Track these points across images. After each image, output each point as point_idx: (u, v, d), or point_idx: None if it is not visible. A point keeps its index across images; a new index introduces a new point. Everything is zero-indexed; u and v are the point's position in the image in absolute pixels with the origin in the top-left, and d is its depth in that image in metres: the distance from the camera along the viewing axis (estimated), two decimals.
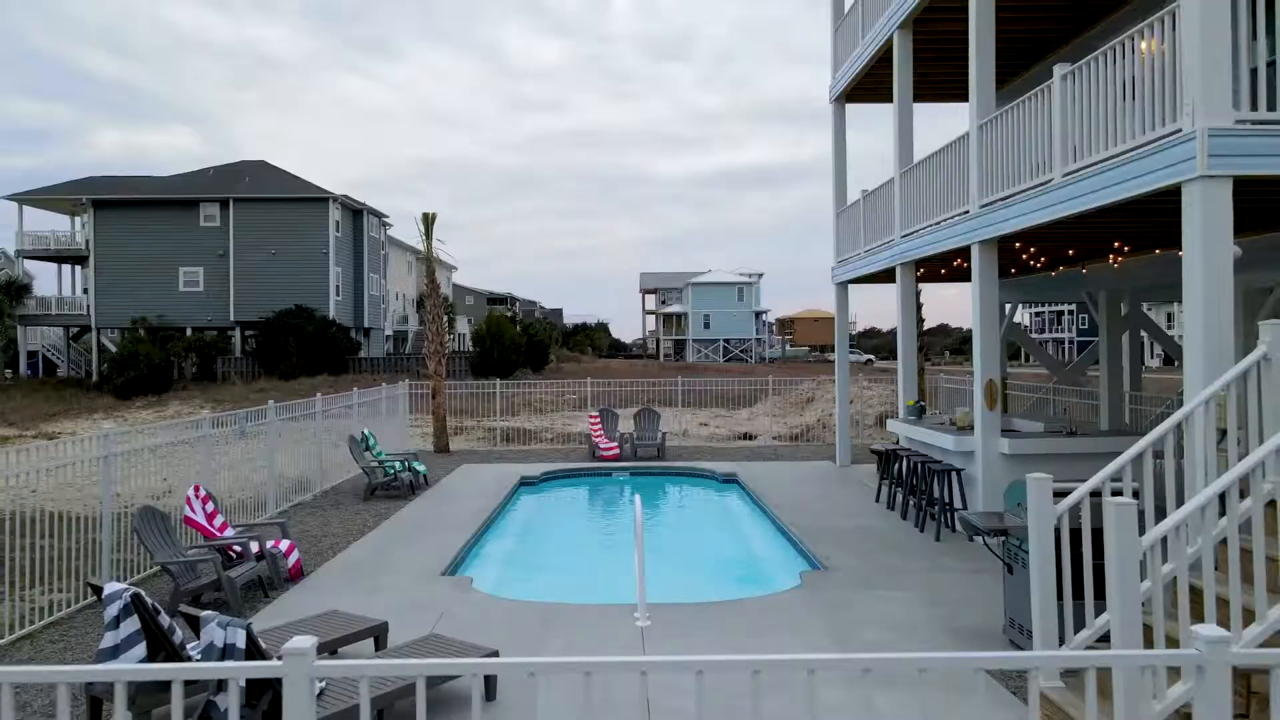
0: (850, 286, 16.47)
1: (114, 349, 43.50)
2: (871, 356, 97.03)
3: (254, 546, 8.24)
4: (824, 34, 16.87)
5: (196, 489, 8.42)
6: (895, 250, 12.78)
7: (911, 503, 11.30)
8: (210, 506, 8.48)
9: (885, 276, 15.75)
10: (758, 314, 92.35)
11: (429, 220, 18.63)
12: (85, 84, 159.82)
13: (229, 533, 8.46)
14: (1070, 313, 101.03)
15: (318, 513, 12.22)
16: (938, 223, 11.16)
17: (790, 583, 8.37)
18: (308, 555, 9.67)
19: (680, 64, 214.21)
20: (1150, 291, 12.86)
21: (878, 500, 12.48)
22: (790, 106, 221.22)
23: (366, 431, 14.15)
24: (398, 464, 13.74)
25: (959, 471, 10.14)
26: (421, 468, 14.43)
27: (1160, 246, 10.58)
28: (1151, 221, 8.50)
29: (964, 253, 11.10)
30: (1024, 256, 11.61)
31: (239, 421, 11.03)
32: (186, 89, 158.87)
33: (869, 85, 15.34)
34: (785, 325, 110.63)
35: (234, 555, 8.21)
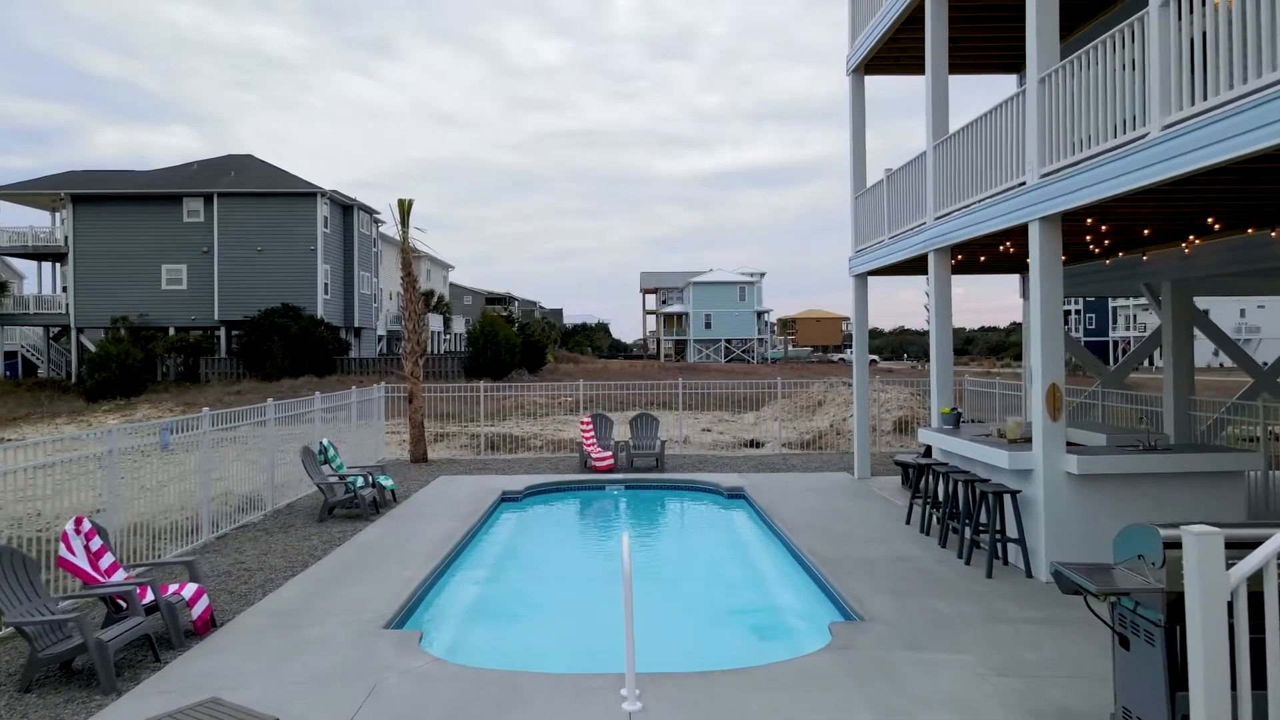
0: (867, 280, 14.81)
1: (94, 349, 41.88)
2: (875, 357, 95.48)
3: (151, 594, 6.59)
4: (825, 32, 15.24)
5: (78, 522, 6.76)
6: (927, 235, 11.12)
7: (950, 527, 9.65)
8: (97, 543, 6.83)
9: (910, 267, 14.10)
10: (759, 314, 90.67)
11: (404, 207, 16.97)
12: (85, 83, 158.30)
13: (118, 576, 6.80)
14: (1077, 313, 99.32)
15: (261, 538, 10.56)
16: (983, 200, 9.51)
17: (817, 639, 6.71)
18: (235, 594, 8.03)
19: (682, 63, 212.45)
20: (1220, 282, 11.20)
21: (908, 522, 10.82)
22: (792, 105, 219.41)
23: (325, 441, 12.49)
24: (359, 479, 12.09)
25: (1015, 494, 8.47)
26: (389, 482, 12.78)
27: (1254, 225, 8.92)
28: (1266, 189, 6.85)
29: (1015, 234, 9.45)
30: (1087, 238, 9.95)
31: (161, 432, 9.36)
32: (186, 88, 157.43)
33: (891, 54, 13.69)
34: (787, 325, 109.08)
35: (123, 606, 6.56)
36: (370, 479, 12.27)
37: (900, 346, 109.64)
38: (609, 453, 15.68)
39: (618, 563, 9.85)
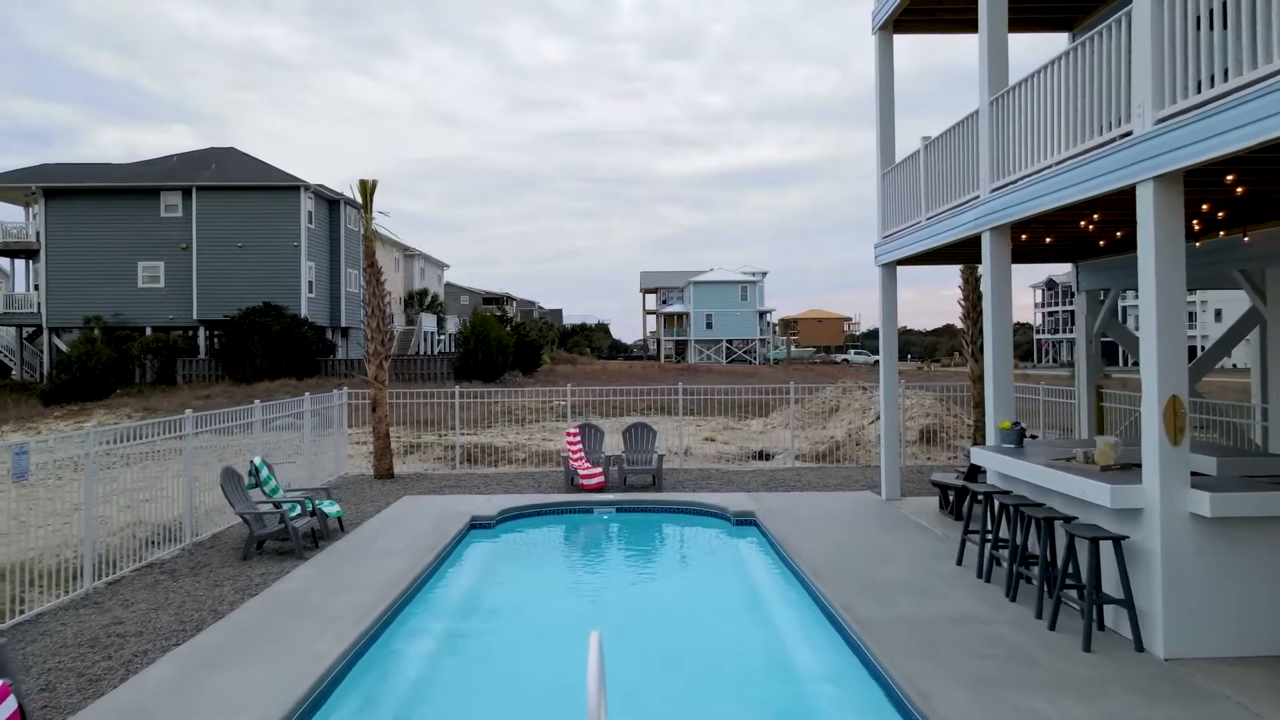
0: (896, 270, 12.81)
1: (66, 350, 39.86)
2: (879, 358, 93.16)
3: None
4: (829, 31, 13.25)
5: None
6: (980, 211, 9.12)
7: (1019, 574, 7.64)
8: None
9: (950, 254, 12.14)
10: (761, 314, 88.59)
11: (367, 189, 14.96)
12: (85, 83, 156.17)
13: None
14: None
15: (163, 583, 8.55)
16: (1063, 161, 7.51)
17: None
18: (86, 677, 6.03)
19: (685, 63, 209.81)
20: None
21: (960, 563, 8.81)
22: (794, 105, 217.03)
23: (257, 460, 10.45)
24: (295, 506, 10.09)
25: (1119, 540, 6.46)
26: (333, 509, 10.77)
27: None
28: None
29: (1107, 203, 7.47)
30: (1202, 209, 7.94)
31: (14, 457, 7.33)
32: (188, 88, 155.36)
33: (925, 6, 11.72)
34: (788, 325, 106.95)
35: None
36: (309, 505, 10.28)
37: (903, 347, 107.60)
38: (599, 469, 13.68)
39: (605, 615, 7.80)
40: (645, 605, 8.68)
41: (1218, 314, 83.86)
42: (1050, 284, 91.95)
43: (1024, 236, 9.70)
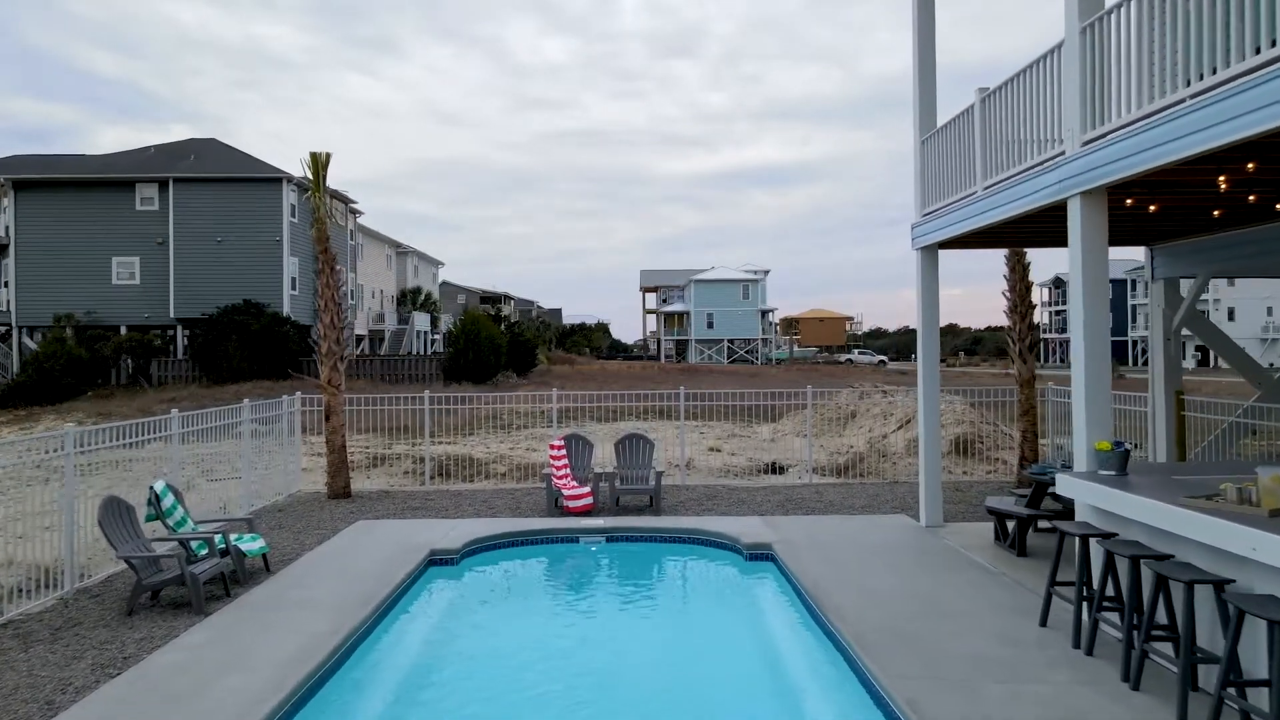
0: (938, 254, 10.83)
1: (35, 349, 37.86)
2: (884, 358, 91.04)
3: None
4: (831, 31, 11.21)
5: None
6: (1069, 170, 7.12)
7: (1139, 648, 5.64)
8: None
9: (1003, 236, 10.18)
10: (763, 313, 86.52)
11: (319, 162, 12.98)
12: (86, 83, 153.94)
13: None
14: None
15: (7, 653, 6.54)
16: (1202, 93, 5.51)
17: None
18: None
19: (687, 62, 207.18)
20: None
21: (1044, 623, 6.82)
22: (797, 105, 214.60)
23: (159, 487, 8.43)
24: (202, 544, 8.08)
25: None
26: (255, 544, 8.76)
27: None
28: None
29: (1264, 147, 5.48)
30: None
31: None
32: (188, 88, 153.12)
33: None
34: (790, 325, 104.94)
35: None
36: (221, 542, 8.26)
37: (908, 347, 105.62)
38: (587, 488, 11.68)
39: (584, 683, 5.84)
40: (634, 684, 6.67)
41: (1230, 313, 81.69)
42: (1058, 282, 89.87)
43: (1128, 202, 7.69)
